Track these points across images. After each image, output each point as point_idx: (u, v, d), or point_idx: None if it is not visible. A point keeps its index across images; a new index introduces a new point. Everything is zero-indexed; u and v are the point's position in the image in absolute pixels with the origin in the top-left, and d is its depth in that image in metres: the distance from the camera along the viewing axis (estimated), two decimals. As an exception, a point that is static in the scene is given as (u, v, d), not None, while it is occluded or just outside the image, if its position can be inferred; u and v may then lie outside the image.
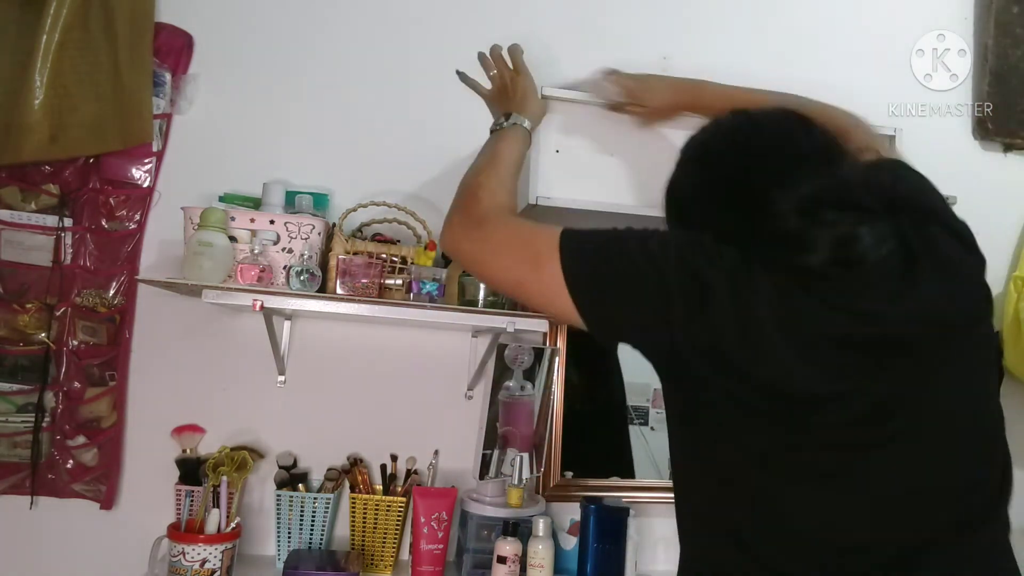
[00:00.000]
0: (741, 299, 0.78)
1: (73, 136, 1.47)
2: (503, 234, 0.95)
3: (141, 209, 1.57)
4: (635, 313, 0.83)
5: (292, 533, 1.51)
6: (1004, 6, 2.00)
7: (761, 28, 1.88)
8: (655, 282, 0.81)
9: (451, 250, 1.04)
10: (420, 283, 1.43)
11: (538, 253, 0.87)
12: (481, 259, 0.98)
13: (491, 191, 1.05)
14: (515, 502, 1.52)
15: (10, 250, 1.51)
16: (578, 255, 0.86)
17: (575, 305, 0.84)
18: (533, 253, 0.88)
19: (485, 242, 0.96)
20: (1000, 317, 1.98)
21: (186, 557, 1.33)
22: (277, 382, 1.61)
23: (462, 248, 1.00)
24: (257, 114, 1.65)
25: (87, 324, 1.53)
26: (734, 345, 0.78)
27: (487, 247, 0.95)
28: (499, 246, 0.94)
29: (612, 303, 0.84)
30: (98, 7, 1.47)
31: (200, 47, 1.63)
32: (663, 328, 0.81)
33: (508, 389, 1.60)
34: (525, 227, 0.95)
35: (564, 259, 0.85)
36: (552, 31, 1.79)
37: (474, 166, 1.14)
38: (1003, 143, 2.04)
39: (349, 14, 1.71)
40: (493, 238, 0.95)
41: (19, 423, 1.50)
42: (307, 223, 1.43)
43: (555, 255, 0.85)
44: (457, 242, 1.01)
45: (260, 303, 1.32)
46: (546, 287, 0.86)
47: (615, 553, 1.57)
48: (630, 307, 0.83)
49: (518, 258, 0.91)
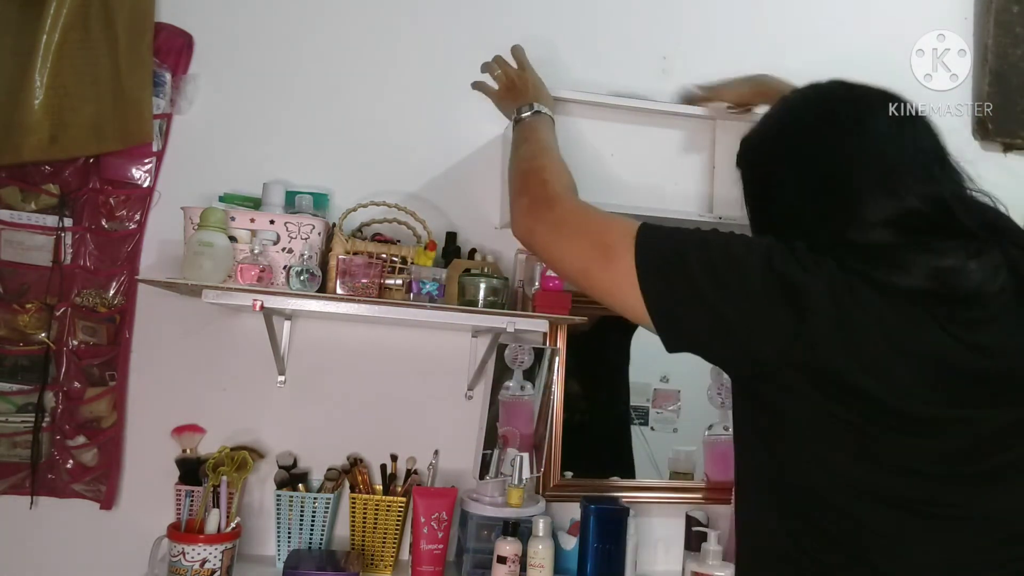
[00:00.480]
0: (844, 307, 0.72)
1: (73, 136, 1.47)
2: (577, 217, 0.90)
3: (141, 209, 1.57)
4: (714, 321, 0.76)
5: (292, 533, 1.51)
6: (1004, 6, 2.00)
7: (761, 28, 1.88)
8: (739, 288, 0.75)
9: (524, 234, 0.97)
10: (420, 283, 1.43)
11: (612, 242, 0.82)
12: (552, 242, 0.92)
13: (555, 172, 1.00)
14: (515, 502, 1.52)
15: (10, 250, 1.51)
16: (655, 251, 0.80)
17: (645, 304, 0.79)
18: (607, 242, 0.83)
19: (559, 224, 0.90)
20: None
21: (186, 557, 1.32)
22: (277, 382, 1.61)
23: (536, 231, 0.94)
24: (257, 114, 1.65)
25: (87, 324, 1.53)
26: (839, 355, 0.71)
27: (561, 229, 0.90)
28: (573, 230, 0.89)
29: (688, 307, 0.78)
30: (98, 7, 1.48)
31: (200, 47, 1.63)
32: (745, 339, 0.75)
33: (508, 389, 1.60)
34: (600, 214, 0.90)
35: (640, 253, 0.79)
36: (552, 31, 1.79)
37: (522, 154, 1.08)
38: (1003, 143, 2.04)
39: (349, 14, 1.71)
40: (568, 220, 0.90)
41: (19, 423, 1.50)
42: (307, 223, 1.43)
43: (630, 247, 0.80)
44: (530, 225, 0.95)
45: (260, 303, 1.32)
46: (615, 280, 0.81)
47: (615, 553, 1.57)
48: (708, 314, 0.76)
49: (590, 244, 0.85)
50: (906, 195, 0.77)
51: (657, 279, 0.79)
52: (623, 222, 0.85)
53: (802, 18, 1.90)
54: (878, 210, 0.76)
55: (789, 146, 0.86)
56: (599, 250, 0.84)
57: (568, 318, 1.54)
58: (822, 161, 0.82)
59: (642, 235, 0.81)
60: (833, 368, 0.71)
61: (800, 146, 0.85)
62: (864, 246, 0.76)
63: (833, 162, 0.81)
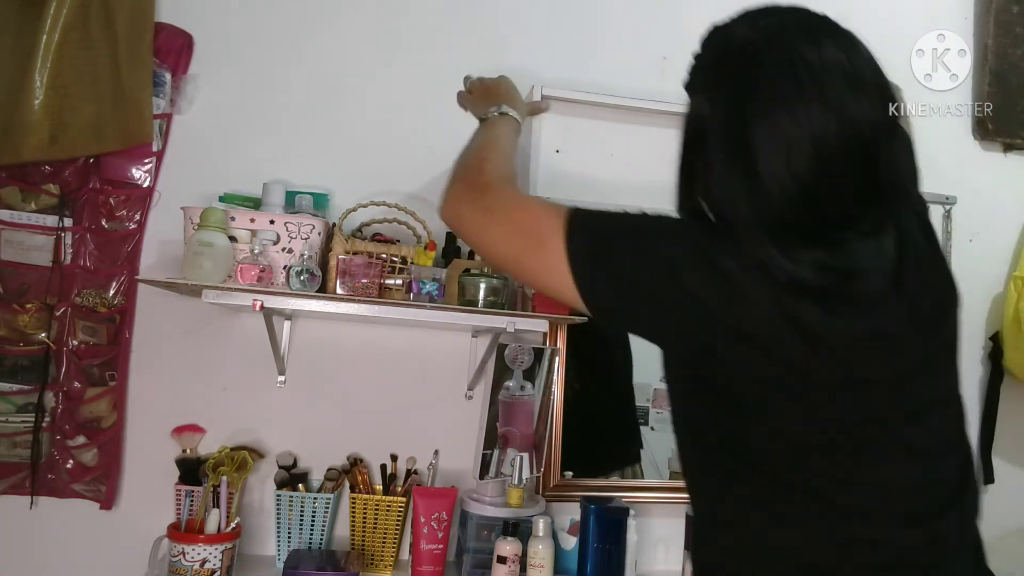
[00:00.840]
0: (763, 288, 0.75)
1: (73, 136, 1.47)
2: (507, 203, 0.90)
3: (141, 209, 1.57)
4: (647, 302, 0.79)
5: (292, 533, 1.51)
6: (1004, 6, 2.00)
7: (761, 28, 1.88)
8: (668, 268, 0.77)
9: (450, 216, 0.97)
10: (420, 283, 1.43)
11: (542, 228, 0.82)
12: (482, 228, 0.91)
13: (494, 163, 0.99)
14: (515, 502, 1.52)
15: (10, 250, 1.51)
16: (585, 235, 0.81)
17: (577, 289, 0.80)
18: (537, 228, 0.83)
19: (487, 210, 0.90)
20: (1000, 317, 1.98)
21: (186, 557, 1.33)
22: (277, 382, 1.61)
23: (462, 214, 0.94)
24: (257, 114, 1.65)
25: (87, 324, 1.53)
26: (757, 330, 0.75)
27: (489, 216, 0.90)
28: (502, 216, 0.89)
29: (620, 289, 0.80)
30: (98, 7, 1.48)
31: (200, 47, 1.64)
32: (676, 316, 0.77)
33: (508, 389, 1.60)
34: (531, 200, 0.91)
35: (570, 238, 0.79)
36: (552, 31, 1.79)
37: (470, 146, 1.08)
38: (1003, 143, 2.04)
39: (349, 14, 1.71)
40: (496, 206, 0.90)
41: (19, 423, 1.50)
42: (307, 223, 1.43)
43: (560, 232, 0.80)
44: (457, 208, 0.95)
45: (260, 303, 1.32)
46: (547, 266, 0.81)
47: (615, 553, 1.57)
48: (641, 294, 0.79)
49: (520, 231, 0.85)
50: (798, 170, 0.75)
51: (588, 264, 0.80)
52: (553, 208, 0.85)
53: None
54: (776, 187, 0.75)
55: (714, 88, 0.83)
56: (530, 237, 0.84)
57: (568, 318, 1.54)
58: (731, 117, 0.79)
59: (572, 220, 0.82)
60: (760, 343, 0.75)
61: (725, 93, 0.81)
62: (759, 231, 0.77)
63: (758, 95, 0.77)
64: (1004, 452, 1.99)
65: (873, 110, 0.75)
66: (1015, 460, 2.01)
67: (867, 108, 0.75)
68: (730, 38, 0.82)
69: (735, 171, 0.76)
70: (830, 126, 0.73)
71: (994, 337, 1.98)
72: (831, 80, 0.74)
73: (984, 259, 2.01)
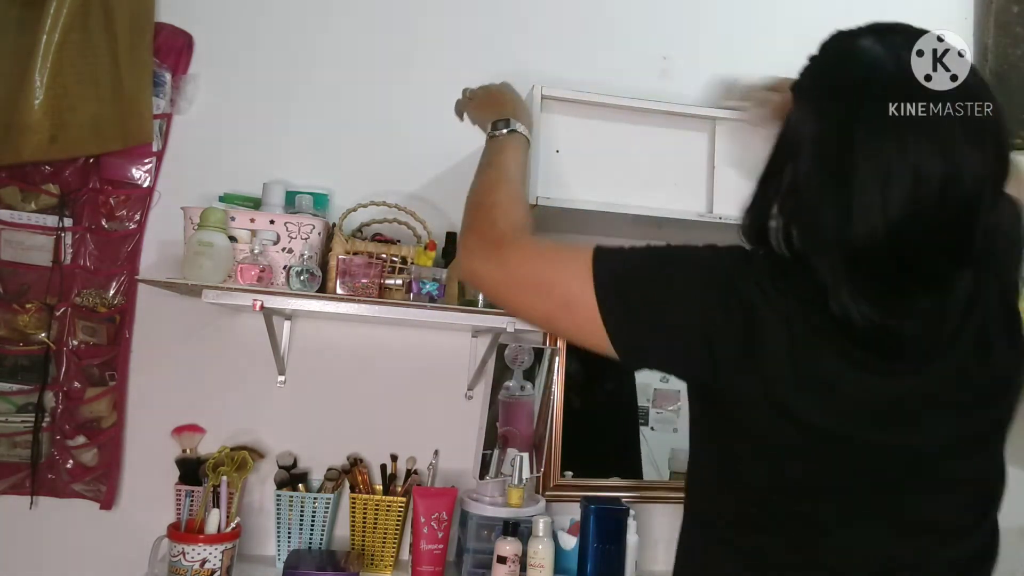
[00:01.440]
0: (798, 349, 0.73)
1: (73, 136, 1.47)
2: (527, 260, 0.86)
3: (141, 209, 1.57)
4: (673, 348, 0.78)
5: (292, 533, 1.51)
6: (1004, 6, 2.00)
7: (761, 29, 1.88)
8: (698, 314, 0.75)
9: (469, 278, 0.94)
10: (420, 283, 1.43)
11: (570, 286, 0.79)
12: (506, 289, 0.88)
13: (505, 210, 0.95)
14: (515, 502, 1.52)
15: (10, 250, 1.51)
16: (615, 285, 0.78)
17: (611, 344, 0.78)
18: (565, 285, 0.80)
19: (507, 270, 0.87)
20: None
21: (186, 557, 1.32)
22: (277, 382, 1.61)
23: (481, 275, 0.90)
24: (257, 114, 1.65)
25: (87, 324, 1.53)
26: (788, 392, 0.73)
27: (510, 276, 0.87)
28: (524, 275, 0.85)
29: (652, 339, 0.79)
30: (98, 7, 1.48)
31: (200, 47, 1.64)
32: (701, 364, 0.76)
33: (508, 389, 1.60)
34: (550, 251, 0.85)
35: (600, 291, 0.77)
36: (552, 31, 1.79)
37: (481, 180, 1.04)
38: (1003, 143, 2.04)
39: (349, 14, 1.71)
40: (515, 264, 0.86)
41: (19, 423, 1.50)
42: (307, 223, 1.43)
43: (588, 286, 0.77)
44: (475, 269, 0.91)
45: (260, 303, 1.32)
46: (580, 325, 0.79)
47: (615, 553, 1.57)
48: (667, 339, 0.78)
49: (546, 291, 0.82)
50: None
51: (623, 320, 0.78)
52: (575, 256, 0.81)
53: (802, 18, 1.90)
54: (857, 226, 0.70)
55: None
56: (557, 296, 0.82)
57: (568, 318, 1.54)
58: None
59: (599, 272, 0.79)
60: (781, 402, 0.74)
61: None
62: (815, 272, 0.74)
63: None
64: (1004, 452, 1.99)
65: (984, 166, 0.70)
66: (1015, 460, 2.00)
67: (978, 161, 0.69)
68: (855, 51, 0.78)
69: (827, 189, 0.72)
70: (935, 167, 0.68)
71: (994, 337, 1.98)
72: (949, 121, 0.70)
73: (984, 259, 2.01)
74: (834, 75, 0.78)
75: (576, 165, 1.47)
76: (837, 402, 0.75)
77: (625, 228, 1.68)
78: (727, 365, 0.75)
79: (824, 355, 0.74)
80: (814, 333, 0.74)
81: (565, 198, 1.45)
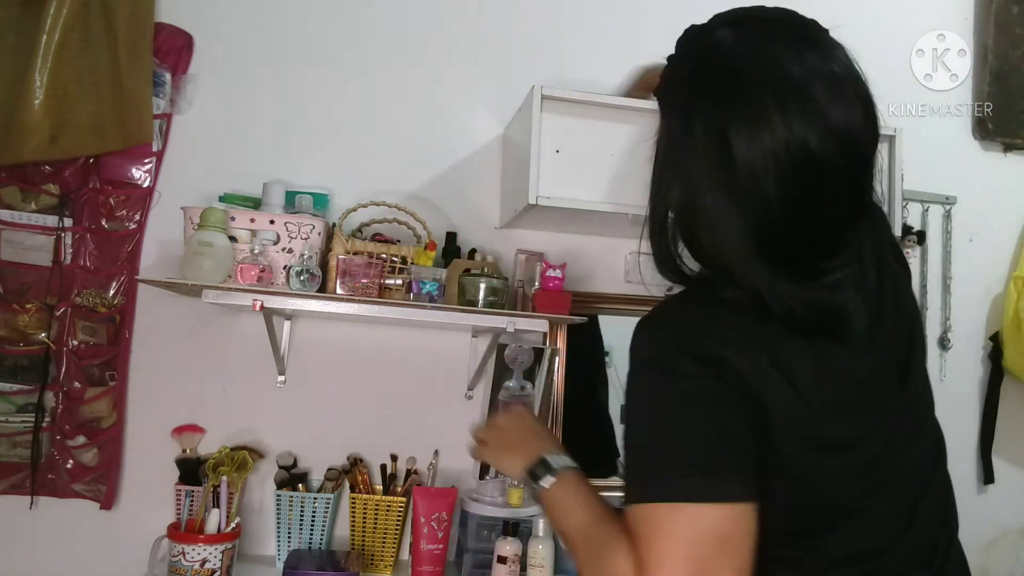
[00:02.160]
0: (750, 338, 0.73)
1: (73, 136, 1.47)
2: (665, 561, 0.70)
3: (141, 209, 1.57)
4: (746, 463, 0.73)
5: (292, 533, 1.51)
6: (1004, 6, 2.01)
7: (761, 28, 1.88)
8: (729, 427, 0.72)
9: None
10: (420, 283, 1.43)
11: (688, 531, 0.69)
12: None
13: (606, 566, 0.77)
14: (515, 502, 1.52)
15: (10, 250, 1.51)
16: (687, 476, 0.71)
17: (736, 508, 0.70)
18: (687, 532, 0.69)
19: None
20: (1000, 317, 1.98)
21: (186, 557, 1.32)
22: (277, 382, 1.61)
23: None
24: (257, 114, 1.65)
25: (87, 324, 1.53)
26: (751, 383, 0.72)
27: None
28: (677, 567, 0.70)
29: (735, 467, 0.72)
30: (98, 7, 1.48)
31: (200, 47, 1.64)
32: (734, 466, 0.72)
33: (508, 389, 1.60)
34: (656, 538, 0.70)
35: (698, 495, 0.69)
36: (552, 31, 1.79)
37: (572, 549, 0.86)
38: (1003, 143, 2.04)
39: (349, 14, 1.71)
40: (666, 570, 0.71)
41: (19, 423, 1.50)
42: (307, 223, 1.43)
43: (695, 508, 0.69)
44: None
45: (260, 303, 1.32)
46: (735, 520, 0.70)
47: (615, 553, 1.56)
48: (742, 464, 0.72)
49: (688, 547, 0.69)
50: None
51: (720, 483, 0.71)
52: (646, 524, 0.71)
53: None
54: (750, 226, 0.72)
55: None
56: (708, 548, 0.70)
57: (568, 318, 1.54)
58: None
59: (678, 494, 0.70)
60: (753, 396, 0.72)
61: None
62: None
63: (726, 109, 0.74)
64: (1004, 452, 1.99)
65: (855, 121, 0.72)
66: (1015, 460, 2.01)
67: (850, 118, 0.72)
68: (711, 47, 0.79)
69: (718, 191, 0.73)
70: (812, 137, 0.70)
71: (994, 337, 1.99)
72: (813, 92, 0.71)
73: (984, 259, 2.01)
74: (696, 74, 0.79)
75: (576, 165, 1.47)
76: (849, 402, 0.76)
77: (625, 228, 1.68)
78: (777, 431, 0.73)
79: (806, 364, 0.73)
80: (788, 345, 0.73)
81: (564, 198, 1.45)
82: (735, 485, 0.70)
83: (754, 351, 0.72)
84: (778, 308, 0.72)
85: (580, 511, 0.85)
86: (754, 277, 0.72)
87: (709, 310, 0.75)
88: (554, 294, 1.52)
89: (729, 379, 0.71)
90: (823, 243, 0.75)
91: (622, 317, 1.78)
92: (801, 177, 0.70)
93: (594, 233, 1.77)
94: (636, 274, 1.78)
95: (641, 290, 1.78)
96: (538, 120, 1.44)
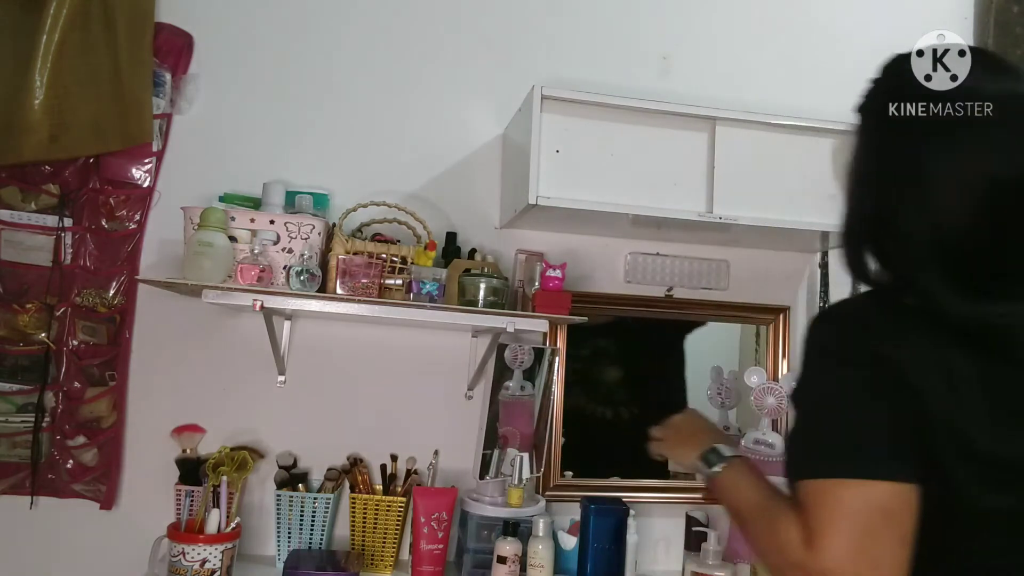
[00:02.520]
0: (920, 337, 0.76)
1: (73, 136, 1.47)
2: (835, 541, 0.76)
3: (141, 209, 1.57)
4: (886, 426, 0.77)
5: (292, 533, 1.51)
6: (1004, 6, 2.00)
7: (761, 28, 1.88)
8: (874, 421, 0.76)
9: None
10: (420, 283, 1.43)
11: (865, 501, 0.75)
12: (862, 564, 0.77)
13: (780, 541, 0.83)
14: (515, 502, 1.52)
15: (10, 250, 1.51)
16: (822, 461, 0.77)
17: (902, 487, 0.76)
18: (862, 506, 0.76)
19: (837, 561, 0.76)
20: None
21: (186, 557, 1.32)
22: (277, 382, 1.61)
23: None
24: (257, 114, 1.65)
25: (87, 324, 1.53)
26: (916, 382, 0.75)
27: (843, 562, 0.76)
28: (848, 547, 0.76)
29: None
30: (98, 8, 1.48)
31: (200, 47, 1.64)
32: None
33: (508, 389, 1.60)
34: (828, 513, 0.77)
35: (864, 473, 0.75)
36: (552, 30, 1.79)
37: (744, 527, 0.95)
38: (1003, 143, 2.04)
39: (349, 14, 1.71)
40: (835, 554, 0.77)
41: (19, 423, 1.50)
42: (307, 223, 1.43)
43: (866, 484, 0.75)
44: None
45: (260, 303, 1.32)
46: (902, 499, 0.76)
47: (615, 553, 1.56)
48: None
49: (853, 521, 0.76)
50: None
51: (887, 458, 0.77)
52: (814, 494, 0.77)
53: (801, 19, 1.90)
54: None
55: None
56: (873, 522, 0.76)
57: (568, 318, 1.54)
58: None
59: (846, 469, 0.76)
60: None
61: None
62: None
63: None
64: (1004, 452, 1.99)
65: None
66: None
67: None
68: (912, 70, 0.86)
69: (910, 208, 0.78)
70: (1003, 164, 0.75)
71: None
72: (1009, 119, 0.76)
73: None
74: (898, 91, 0.84)
75: (576, 165, 1.47)
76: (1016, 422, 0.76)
77: (625, 228, 1.68)
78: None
79: (972, 377, 0.75)
80: (958, 356, 0.75)
81: (565, 198, 1.45)
82: (897, 466, 0.75)
83: (923, 355, 0.76)
84: (952, 320, 0.76)
85: (751, 490, 0.94)
86: (933, 289, 0.76)
87: (887, 312, 0.80)
88: (554, 294, 1.52)
89: (897, 375, 0.75)
90: (1007, 266, 0.78)
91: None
92: (992, 202, 0.75)
93: (594, 233, 1.77)
94: (636, 274, 1.78)
95: (641, 290, 1.78)
96: (538, 120, 1.44)
